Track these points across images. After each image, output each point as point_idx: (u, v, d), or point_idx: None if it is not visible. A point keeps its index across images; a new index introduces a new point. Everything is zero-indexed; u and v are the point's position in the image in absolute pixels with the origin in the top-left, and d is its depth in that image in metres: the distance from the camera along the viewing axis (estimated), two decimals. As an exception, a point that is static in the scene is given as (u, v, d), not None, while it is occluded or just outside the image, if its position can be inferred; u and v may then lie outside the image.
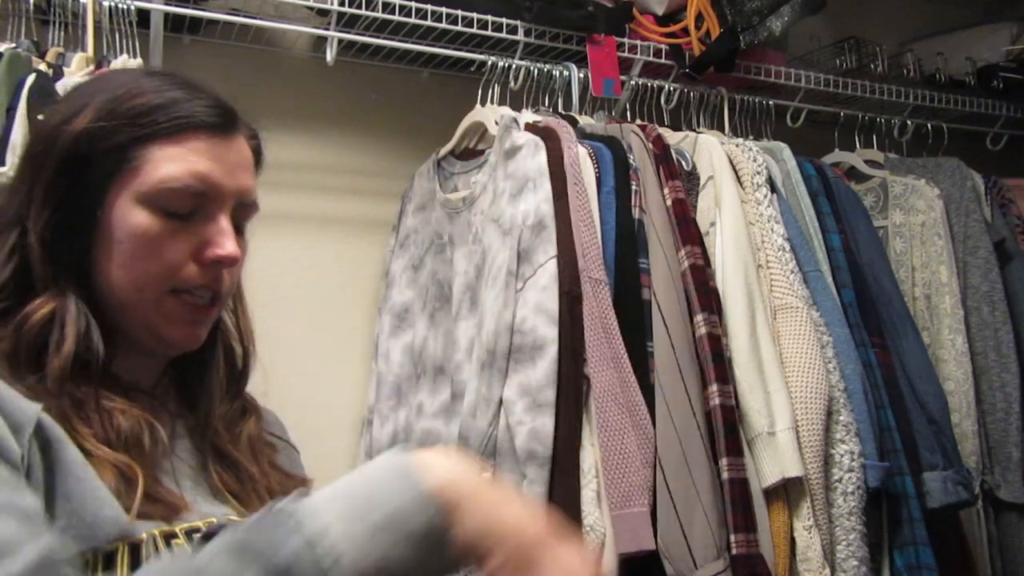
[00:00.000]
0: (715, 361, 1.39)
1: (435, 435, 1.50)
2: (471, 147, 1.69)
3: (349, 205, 1.85)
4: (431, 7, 1.63)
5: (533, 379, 1.30)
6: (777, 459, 1.37)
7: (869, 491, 1.46)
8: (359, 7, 1.60)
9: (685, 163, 1.60)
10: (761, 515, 1.36)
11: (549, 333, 1.31)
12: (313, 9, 1.65)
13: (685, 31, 1.83)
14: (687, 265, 1.45)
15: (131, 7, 1.46)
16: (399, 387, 1.64)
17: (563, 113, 1.69)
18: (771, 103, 1.96)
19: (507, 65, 1.71)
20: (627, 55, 1.80)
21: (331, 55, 1.63)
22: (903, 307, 1.72)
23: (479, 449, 1.32)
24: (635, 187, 1.48)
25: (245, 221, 0.80)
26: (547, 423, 1.28)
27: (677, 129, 1.76)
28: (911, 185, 1.93)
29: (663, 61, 1.83)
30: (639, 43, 1.81)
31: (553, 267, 1.34)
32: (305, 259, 1.80)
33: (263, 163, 0.85)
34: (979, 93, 2.21)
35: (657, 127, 1.64)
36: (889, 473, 1.49)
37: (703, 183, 1.58)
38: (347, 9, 1.60)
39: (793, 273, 1.54)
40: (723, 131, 1.87)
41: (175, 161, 0.73)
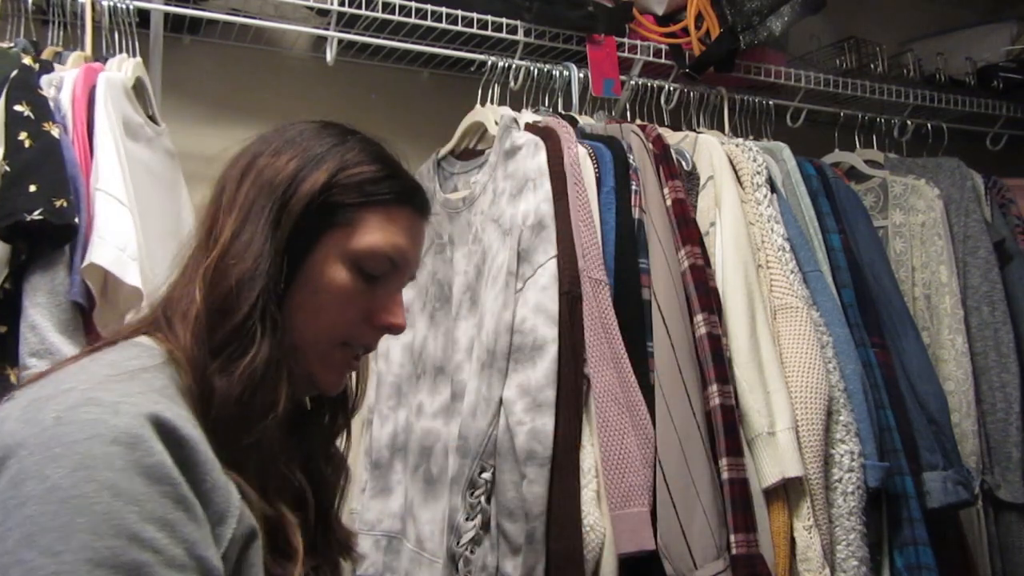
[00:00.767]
0: (715, 361, 1.39)
1: (435, 435, 1.50)
2: (471, 147, 1.69)
3: (349, 205, 1.85)
4: (431, 7, 1.63)
5: (533, 379, 1.30)
6: (777, 459, 1.37)
7: (869, 491, 1.45)
8: (359, 7, 1.60)
9: (685, 163, 1.60)
10: (761, 515, 1.36)
11: (549, 333, 1.31)
12: (313, 9, 1.66)
13: (685, 31, 1.83)
14: (687, 265, 1.45)
15: (131, 7, 1.46)
16: (399, 387, 1.64)
17: (563, 113, 1.69)
18: (771, 103, 1.96)
19: (507, 65, 1.71)
20: (627, 55, 1.80)
21: (331, 55, 1.63)
22: (903, 307, 1.72)
23: (479, 449, 1.32)
24: (635, 187, 1.47)
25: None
26: (547, 423, 1.28)
27: (677, 129, 1.76)
28: (911, 185, 1.93)
29: (663, 61, 1.83)
30: (639, 43, 1.81)
31: (553, 267, 1.34)
32: (305, 259, 1.80)
33: None
34: (979, 93, 2.22)
35: (657, 127, 1.64)
36: (889, 473, 1.49)
37: (703, 183, 1.58)
38: (347, 9, 1.60)
39: (793, 273, 1.54)
40: (723, 131, 1.87)
41: (385, 231, 0.79)
